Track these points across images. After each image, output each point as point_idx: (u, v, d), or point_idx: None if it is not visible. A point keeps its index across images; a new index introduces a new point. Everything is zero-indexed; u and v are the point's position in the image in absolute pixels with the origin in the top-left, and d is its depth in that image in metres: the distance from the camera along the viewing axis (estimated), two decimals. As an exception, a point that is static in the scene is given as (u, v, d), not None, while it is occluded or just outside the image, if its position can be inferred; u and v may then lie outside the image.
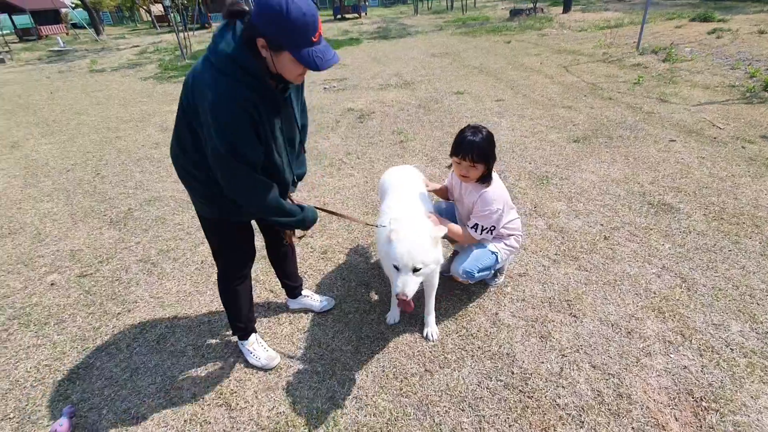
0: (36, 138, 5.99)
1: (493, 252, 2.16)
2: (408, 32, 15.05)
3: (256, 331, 2.08)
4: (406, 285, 1.63)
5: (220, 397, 1.89)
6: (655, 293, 2.30)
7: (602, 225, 2.92)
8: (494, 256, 2.16)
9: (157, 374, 2.04)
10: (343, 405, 1.82)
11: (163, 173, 4.41)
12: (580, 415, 1.71)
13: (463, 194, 2.15)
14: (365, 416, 1.77)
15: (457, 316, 2.24)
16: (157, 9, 26.69)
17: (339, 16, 23.62)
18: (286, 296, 2.37)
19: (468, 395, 1.82)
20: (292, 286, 2.28)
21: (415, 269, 1.64)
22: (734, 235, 2.71)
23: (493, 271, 2.27)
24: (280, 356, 2.05)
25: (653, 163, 3.73)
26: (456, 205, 2.35)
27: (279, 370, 2.00)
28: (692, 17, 10.27)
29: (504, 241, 2.21)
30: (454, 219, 2.36)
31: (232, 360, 2.08)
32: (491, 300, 2.34)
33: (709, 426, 1.64)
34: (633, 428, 1.64)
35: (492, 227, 2.05)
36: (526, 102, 5.77)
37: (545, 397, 1.79)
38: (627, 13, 13.17)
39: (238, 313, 1.96)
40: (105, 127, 6.25)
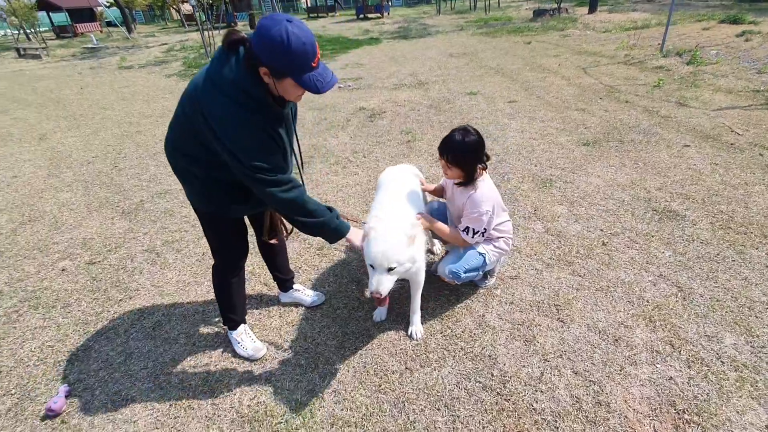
0: (63, 131, 6.28)
1: (481, 253, 2.15)
2: (428, 32, 15.01)
3: (245, 322, 2.15)
4: (380, 284, 1.65)
5: (205, 384, 1.96)
6: (648, 301, 2.24)
7: (602, 230, 2.86)
8: (482, 258, 2.15)
9: (150, 359, 2.13)
10: (322, 398, 1.86)
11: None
12: (556, 421, 1.69)
13: (455, 194, 2.16)
14: (342, 410, 1.80)
15: (444, 317, 2.25)
16: (186, 8, 27.47)
17: (362, 16, 23.69)
18: (278, 289, 2.43)
19: (445, 395, 1.83)
20: (283, 278, 2.34)
21: (389, 268, 1.66)
22: (740, 245, 2.61)
23: (482, 272, 2.26)
24: (267, 347, 2.11)
25: (663, 169, 3.62)
26: (447, 204, 2.36)
27: (264, 361, 2.05)
28: (722, 19, 9.85)
29: (493, 243, 2.20)
30: (445, 218, 2.37)
31: (221, 349, 2.15)
32: (479, 302, 2.33)
33: (688, 438, 1.60)
34: (608, 436, 1.62)
35: (483, 230, 2.05)
36: (539, 104, 5.69)
37: (522, 400, 1.78)
38: (655, 13, 12.74)
39: (230, 304, 2.03)
40: (127, 122, 6.50)
